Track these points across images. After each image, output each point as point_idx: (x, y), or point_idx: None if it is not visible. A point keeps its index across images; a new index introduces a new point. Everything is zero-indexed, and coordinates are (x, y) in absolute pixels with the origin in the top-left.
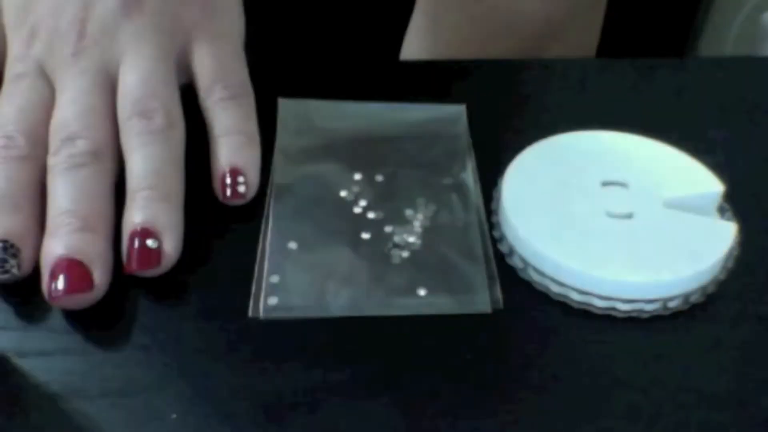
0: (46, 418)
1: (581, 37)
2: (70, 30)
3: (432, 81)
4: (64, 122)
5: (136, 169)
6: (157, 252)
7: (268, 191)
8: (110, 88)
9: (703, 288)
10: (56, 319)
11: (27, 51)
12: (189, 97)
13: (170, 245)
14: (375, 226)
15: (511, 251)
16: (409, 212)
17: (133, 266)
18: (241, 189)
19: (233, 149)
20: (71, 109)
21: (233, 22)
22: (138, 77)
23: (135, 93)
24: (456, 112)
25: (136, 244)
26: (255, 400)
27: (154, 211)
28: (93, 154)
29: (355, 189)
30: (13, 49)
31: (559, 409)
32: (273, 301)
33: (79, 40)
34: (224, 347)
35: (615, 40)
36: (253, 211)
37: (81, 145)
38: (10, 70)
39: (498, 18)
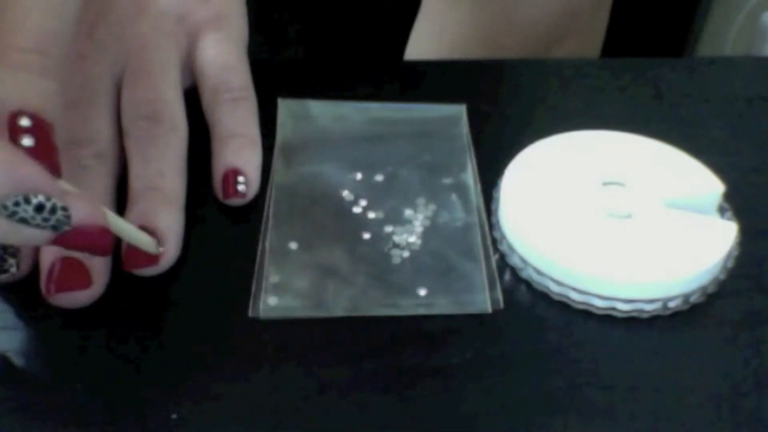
0: (45, 418)
1: (586, 39)
2: (78, 33)
3: (432, 81)
4: (68, 125)
5: (139, 170)
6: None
7: (268, 191)
8: (115, 90)
9: (703, 288)
10: (55, 319)
11: None
12: (190, 98)
13: (170, 245)
14: (375, 226)
15: (511, 251)
16: (409, 212)
17: (132, 264)
18: (241, 188)
19: (234, 150)
20: (76, 112)
21: (237, 25)
22: (143, 80)
23: (140, 96)
24: (456, 112)
25: None
26: (255, 399)
27: (155, 210)
28: (96, 156)
29: (355, 189)
30: None
31: (558, 408)
32: (273, 301)
33: (87, 43)
34: (224, 347)
35: (615, 40)
36: (253, 211)
37: (84, 147)
38: None
39: (503, 23)
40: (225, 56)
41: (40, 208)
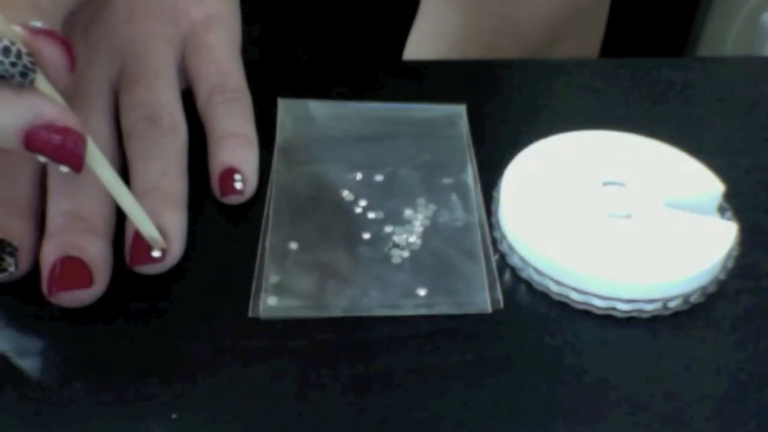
0: (45, 418)
1: (585, 40)
2: (73, 36)
3: (432, 81)
4: None
5: (141, 171)
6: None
7: (268, 191)
8: (111, 92)
9: (703, 288)
10: (56, 319)
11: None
12: (186, 99)
13: (174, 244)
14: (375, 226)
15: (511, 251)
16: (409, 212)
17: (137, 261)
18: (238, 186)
19: (230, 150)
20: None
21: (230, 26)
22: (140, 82)
23: (138, 98)
24: (456, 112)
25: (141, 239)
26: (255, 400)
27: (158, 210)
28: None
29: (355, 189)
30: None
31: (558, 409)
32: (273, 301)
33: (82, 47)
34: (224, 347)
35: (615, 40)
36: (253, 211)
37: None
38: None
39: (502, 23)
40: (218, 58)
41: (6, 51)
